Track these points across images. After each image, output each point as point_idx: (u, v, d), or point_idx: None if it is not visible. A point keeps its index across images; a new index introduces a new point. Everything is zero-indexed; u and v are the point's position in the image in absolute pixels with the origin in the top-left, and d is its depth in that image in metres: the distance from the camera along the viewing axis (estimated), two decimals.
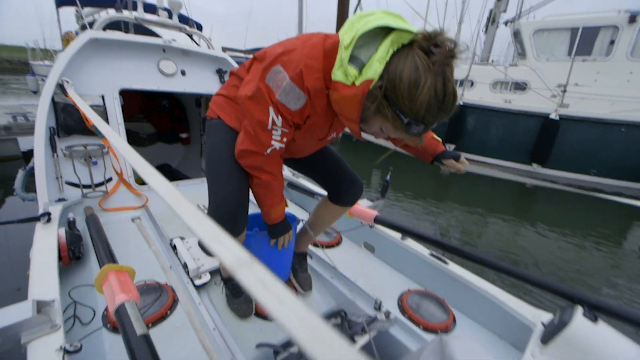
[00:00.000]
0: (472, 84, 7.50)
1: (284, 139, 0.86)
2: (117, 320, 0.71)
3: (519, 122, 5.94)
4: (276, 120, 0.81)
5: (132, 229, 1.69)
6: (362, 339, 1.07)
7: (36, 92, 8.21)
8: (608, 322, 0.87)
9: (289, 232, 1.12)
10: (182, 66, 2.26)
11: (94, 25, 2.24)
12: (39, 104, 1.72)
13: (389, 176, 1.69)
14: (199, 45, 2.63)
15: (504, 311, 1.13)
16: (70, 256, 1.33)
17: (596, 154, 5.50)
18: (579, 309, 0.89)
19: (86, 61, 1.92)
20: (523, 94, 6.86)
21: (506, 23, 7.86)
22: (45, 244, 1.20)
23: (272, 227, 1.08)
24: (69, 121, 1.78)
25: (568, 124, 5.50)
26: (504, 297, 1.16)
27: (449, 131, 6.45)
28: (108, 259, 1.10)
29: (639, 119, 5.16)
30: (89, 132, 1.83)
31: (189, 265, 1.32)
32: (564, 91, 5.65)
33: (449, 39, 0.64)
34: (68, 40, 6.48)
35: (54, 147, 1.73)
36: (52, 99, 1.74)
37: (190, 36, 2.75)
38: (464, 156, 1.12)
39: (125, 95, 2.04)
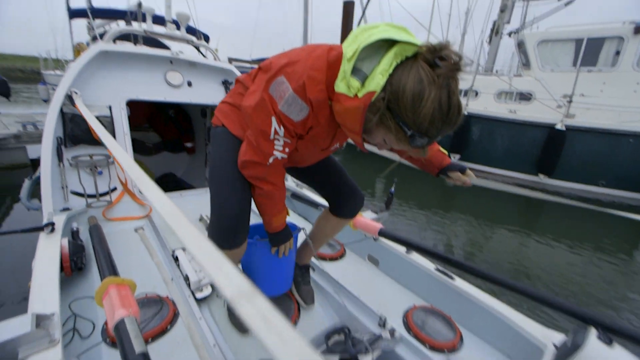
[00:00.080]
0: (476, 94, 7.50)
1: (286, 149, 0.86)
2: (116, 336, 0.69)
3: (524, 133, 5.90)
4: (278, 130, 0.81)
5: (135, 239, 1.68)
6: (366, 359, 1.04)
7: (47, 101, 8.39)
8: (624, 345, 0.83)
9: (290, 241, 1.12)
10: (189, 77, 2.29)
11: (104, 36, 2.29)
12: (47, 114, 1.75)
13: (393, 188, 1.68)
14: (205, 57, 2.68)
15: (513, 330, 1.09)
16: (72, 267, 1.32)
17: (604, 165, 5.42)
18: (593, 331, 0.86)
19: (95, 72, 1.96)
20: (528, 104, 6.84)
21: (510, 34, 7.90)
22: (48, 254, 1.20)
23: (273, 235, 1.08)
24: (76, 131, 1.81)
25: (575, 134, 5.45)
26: (513, 315, 1.12)
27: (454, 141, 6.43)
28: (109, 271, 1.09)
29: None
30: (96, 142, 1.85)
31: (190, 277, 1.30)
32: (570, 101, 5.62)
33: (454, 52, 0.63)
34: (79, 51, 6.65)
35: (60, 157, 1.75)
36: (61, 109, 1.77)
37: (197, 48, 2.80)
38: (469, 169, 1.11)
39: (132, 105, 2.07)
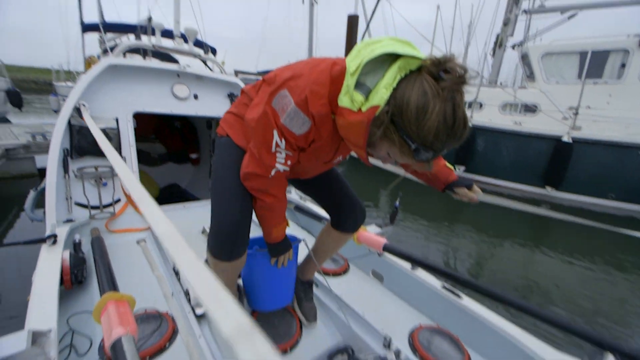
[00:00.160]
0: (480, 106, 7.50)
1: (288, 162, 0.87)
2: (112, 356, 0.67)
3: (530, 144, 5.85)
4: (280, 143, 0.81)
5: (137, 251, 1.67)
6: None
7: (57, 112, 8.60)
8: None
9: (289, 252, 1.12)
10: (195, 90, 2.32)
11: (114, 50, 2.34)
12: (55, 126, 1.78)
13: (398, 202, 1.65)
14: (212, 70, 2.72)
15: (524, 354, 1.04)
16: (73, 280, 1.31)
17: (613, 177, 5.32)
18: (610, 357, 0.81)
19: (104, 85, 1.99)
20: (533, 116, 6.80)
21: (513, 47, 7.94)
22: (48, 267, 1.19)
23: (273, 245, 1.07)
24: (82, 143, 1.83)
25: (582, 146, 5.39)
26: (524, 337, 1.08)
27: (459, 152, 6.39)
28: (109, 286, 1.08)
29: None
30: (102, 154, 1.86)
31: (190, 292, 1.28)
32: (576, 114, 5.58)
33: (458, 65, 0.62)
34: (90, 64, 6.84)
35: (66, 168, 1.76)
36: (69, 121, 1.79)
37: (204, 61, 2.85)
38: (475, 184, 1.08)
39: (138, 117, 2.10)
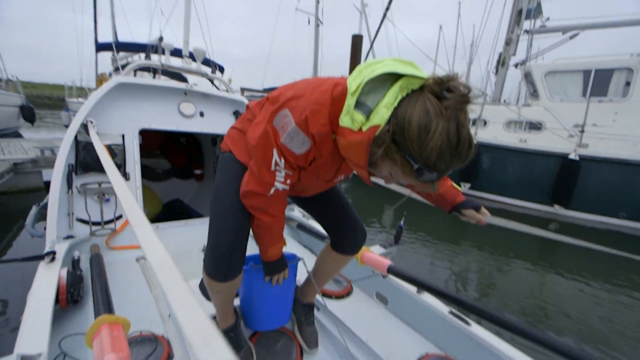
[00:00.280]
0: (485, 123, 7.51)
1: (288, 181, 0.86)
2: None
3: (536, 162, 5.80)
4: (279, 162, 0.81)
5: (135, 269, 1.64)
6: None
7: (68, 126, 8.79)
8: None
9: (285, 271, 1.10)
10: (201, 108, 2.35)
11: (125, 68, 2.41)
12: (62, 142, 1.80)
13: (402, 221, 1.61)
14: (218, 89, 2.77)
15: None
16: (69, 299, 1.29)
17: (623, 195, 5.21)
18: None
19: (113, 102, 2.03)
20: (538, 133, 6.77)
21: (516, 65, 8.03)
22: (44, 286, 1.17)
23: (268, 264, 1.06)
24: (88, 159, 1.84)
25: (589, 164, 5.32)
26: None
27: (464, 170, 6.33)
28: (104, 308, 1.05)
29: None
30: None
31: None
32: (582, 131, 5.55)
33: (462, 84, 0.61)
34: (101, 81, 7.06)
35: (70, 184, 1.77)
36: (76, 137, 1.82)
37: (211, 80, 2.92)
38: (484, 206, 1.05)
39: (145, 133, 2.12)
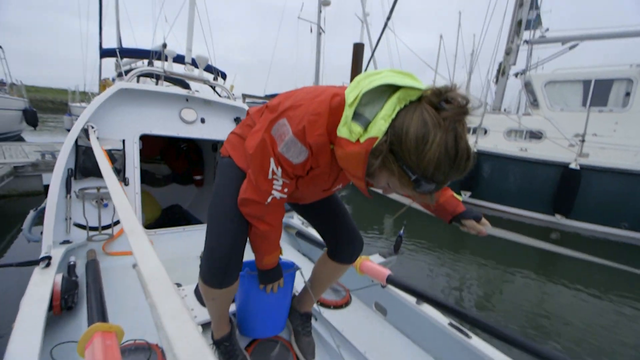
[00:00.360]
0: (485, 132, 7.52)
1: (285, 189, 0.86)
2: None
3: (537, 171, 5.79)
4: (276, 170, 0.81)
5: (132, 275, 1.62)
6: None
7: (70, 130, 8.81)
8: None
9: (280, 280, 1.10)
10: (203, 114, 2.36)
11: (128, 74, 2.43)
12: (63, 146, 1.80)
13: (402, 230, 1.60)
14: (220, 96, 2.79)
15: None
16: (62, 305, 1.26)
17: (625, 206, 5.18)
18: None
19: (115, 107, 2.03)
20: (539, 142, 6.78)
21: (516, 75, 8.08)
22: (38, 292, 1.15)
23: (263, 272, 1.05)
24: (87, 164, 1.84)
25: (590, 174, 5.31)
26: None
27: (464, 178, 6.32)
28: (98, 316, 1.04)
29: None
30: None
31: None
32: (583, 141, 5.55)
33: (460, 95, 0.61)
34: (104, 86, 7.11)
35: (68, 189, 1.76)
36: (76, 141, 1.82)
37: (213, 87, 2.93)
38: (483, 210, 1.04)
39: (146, 138, 2.12)
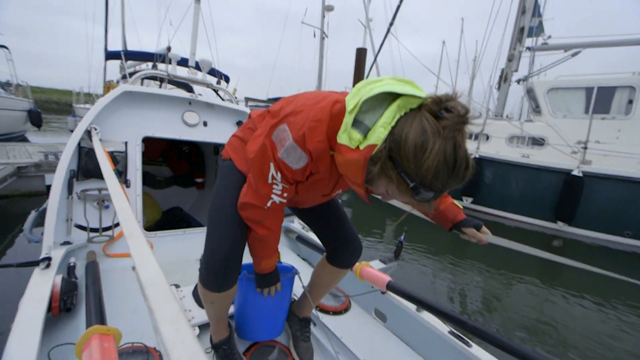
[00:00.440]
0: (487, 138, 7.52)
1: (284, 194, 0.86)
2: None
3: (539, 178, 5.77)
4: (275, 175, 0.82)
5: (131, 277, 1.62)
6: None
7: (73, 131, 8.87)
8: None
9: (277, 284, 1.10)
10: (205, 117, 2.37)
11: (132, 76, 2.44)
12: (65, 147, 1.81)
13: (403, 236, 1.59)
14: (223, 99, 2.80)
15: None
16: (61, 307, 1.26)
17: (628, 213, 5.15)
18: None
19: (118, 110, 2.04)
20: (541, 149, 6.76)
21: (518, 81, 8.09)
22: (37, 293, 1.15)
23: (260, 276, 1.06)
24: (89, 165, 1.84)
25: (593, 181, 5.28)
26: None
27: (465, 184, 6.31)
28: (96, 318, 1.04)
29: None
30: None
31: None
32: (585, 148, 5.53)
33: (460, 104, 0.61)
34: (108, 88, 7.17)
35: (70, 190, 1.76)
36: (79, 143, 1.82)
37: (216, 90, 2.95)
38: (484, 216, 1.03)
39: (148, 140, 2.13)
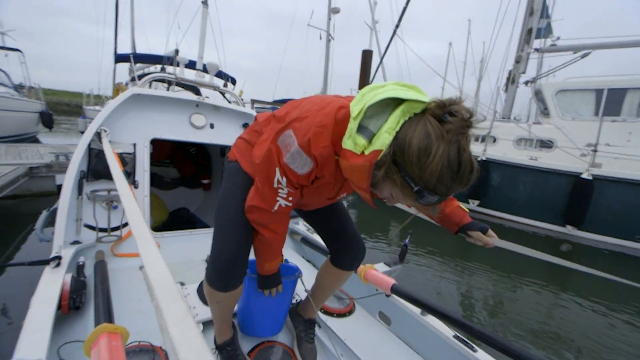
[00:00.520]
0: (494, 140, 7.44)
1: (290, 198, 0.87)
2: None
3: (548, 180, 5.67)
4: (281, 180, 0.83)
5: (138, 277, 1.64)
6: None
7: (83, 133, 9.03)
8: None
9: (279, 286, 1.11)
10: (212, 120, 2.40)
11: (142, 78, 2.49)
12: (76, 149, 1.85)
13: (408, 239, 1.59)
14: (229, 102, 2.84)
15: None
16: (71, 305, 1.29)
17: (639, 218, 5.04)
18: None
19: (127, 112, 2.09)
20: (549, 151, 6.66)
21: (526, 83, 7.98)
22: (48, 291, 1.18)
23: (263, 277, 1.07)
24: (99, 166, 1.88)
25: (603, 184, 5.18)
26: None
27: (472, 186, 6.24)
28: (105, 317, 1.06)
29: None
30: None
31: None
32: (595, 150, 5.43)
33: (464, 108, 0.61)
34: (118, 90, 7.29)
35: (80, 190, 1.81)
36: (89, 144, 1.87)
37: (222, 93, 2.98)
38: (490, 229, 1.03)
39: (155, 142, 2.17)
